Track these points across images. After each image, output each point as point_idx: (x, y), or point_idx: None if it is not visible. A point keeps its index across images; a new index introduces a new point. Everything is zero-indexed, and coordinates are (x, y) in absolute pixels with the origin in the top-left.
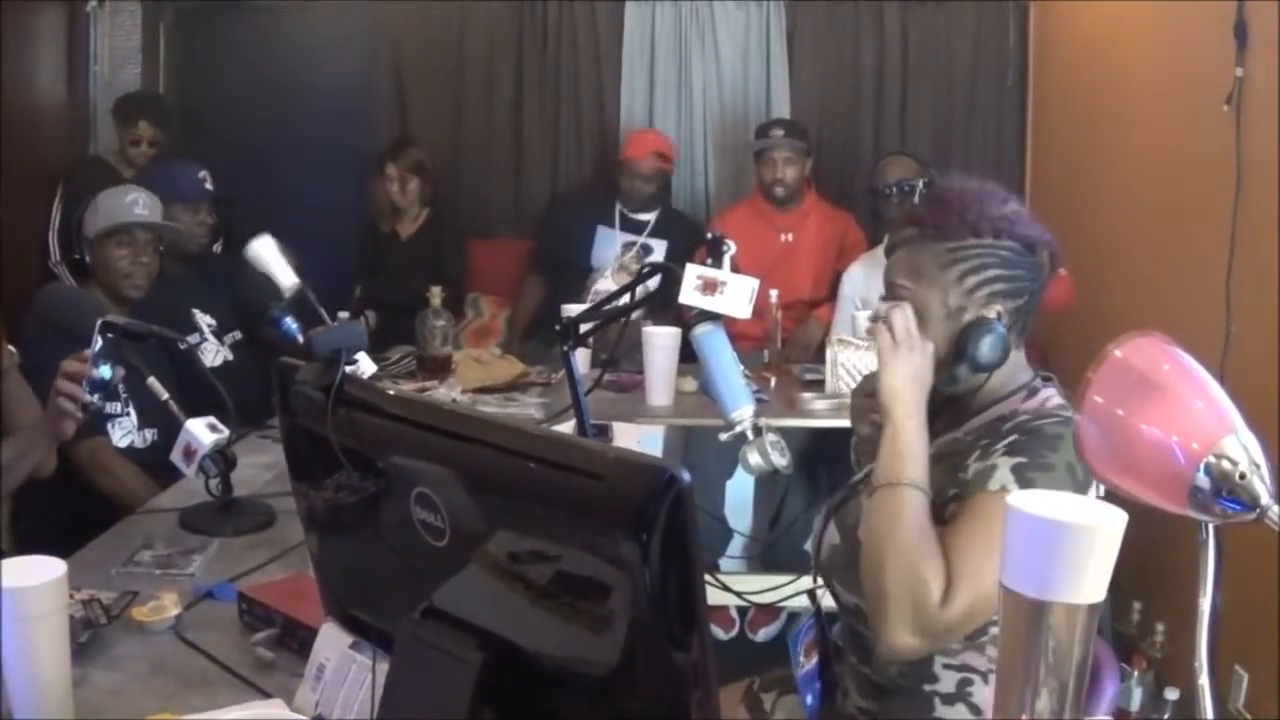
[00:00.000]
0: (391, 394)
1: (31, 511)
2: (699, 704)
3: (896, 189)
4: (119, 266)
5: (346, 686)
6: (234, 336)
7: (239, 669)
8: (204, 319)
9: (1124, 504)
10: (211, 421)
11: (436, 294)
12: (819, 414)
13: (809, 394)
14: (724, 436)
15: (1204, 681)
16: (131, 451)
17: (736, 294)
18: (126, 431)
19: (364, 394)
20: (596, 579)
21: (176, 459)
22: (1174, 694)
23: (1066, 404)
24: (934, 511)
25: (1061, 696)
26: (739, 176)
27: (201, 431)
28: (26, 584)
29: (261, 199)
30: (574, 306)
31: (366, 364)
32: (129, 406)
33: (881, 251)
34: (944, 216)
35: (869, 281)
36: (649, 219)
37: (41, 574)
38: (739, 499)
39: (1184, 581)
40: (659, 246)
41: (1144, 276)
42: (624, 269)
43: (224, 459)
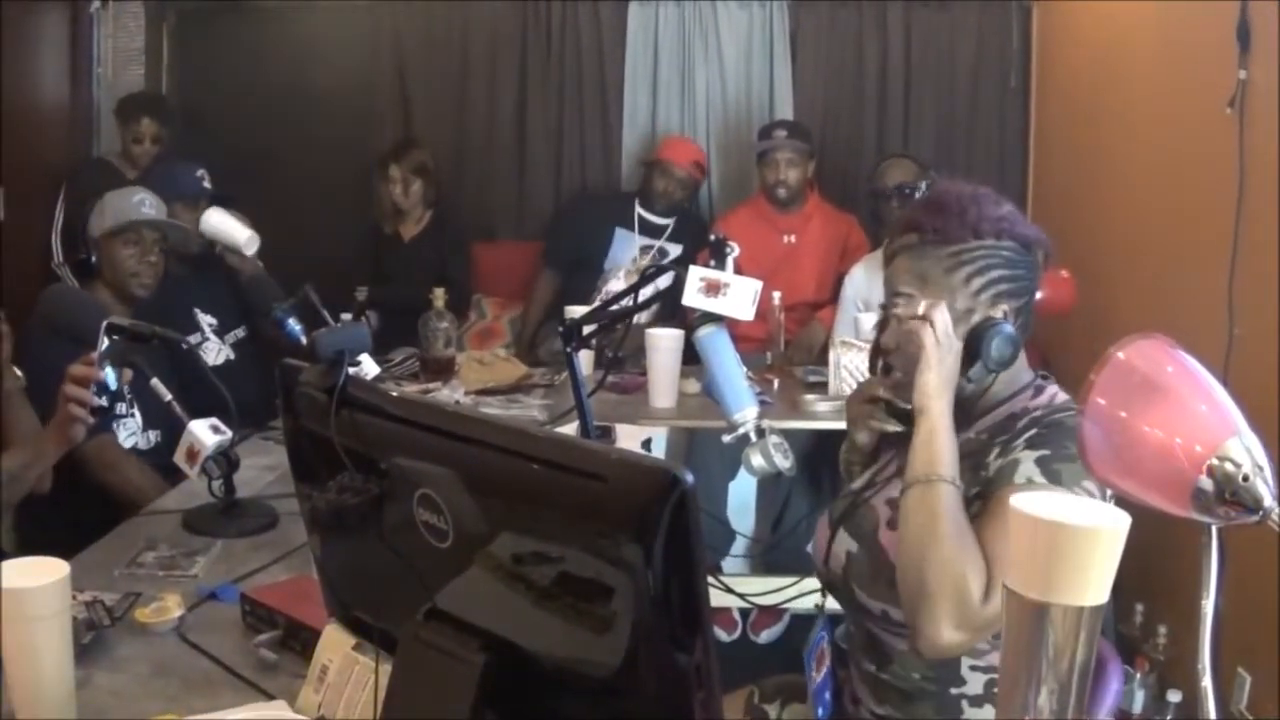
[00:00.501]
0: (394, 395)
1: (34, 513)
2: (702, 705)
3: (897, 192)
4: (127, 266)
5: (349, 688)
6: (236, 335)
7: (242, 670)
8: (205, 318)
9: (1127, 506)
10: (214, 423)
11: (439, 295)
12: (822, 416)
13: (812, 396)
14: (727, 438)
15: (1207, 683)
16: (135, 453)
17: (739, 296)
18: (131, 433)
19: (367, 395)
20: (599, 581)
21: (180, 460)
22: (1176, 696)
23: (1073, 400)
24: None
25: (1064, 697)
26: (742, 178)
27: (204, 433)
28: (29, 585)
29: (265, 200)
30: (578, 308)
31: (370, 365)
32: (134, 408)
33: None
34: (944, 220)
35: (871, 283)
36: (668, 223)
37: (44, 575)
38: (741, 501)
39: (1187, 583)
40: (675, 251)
41: (1146, 278)
42: (639, 273)
43: (227, 460)
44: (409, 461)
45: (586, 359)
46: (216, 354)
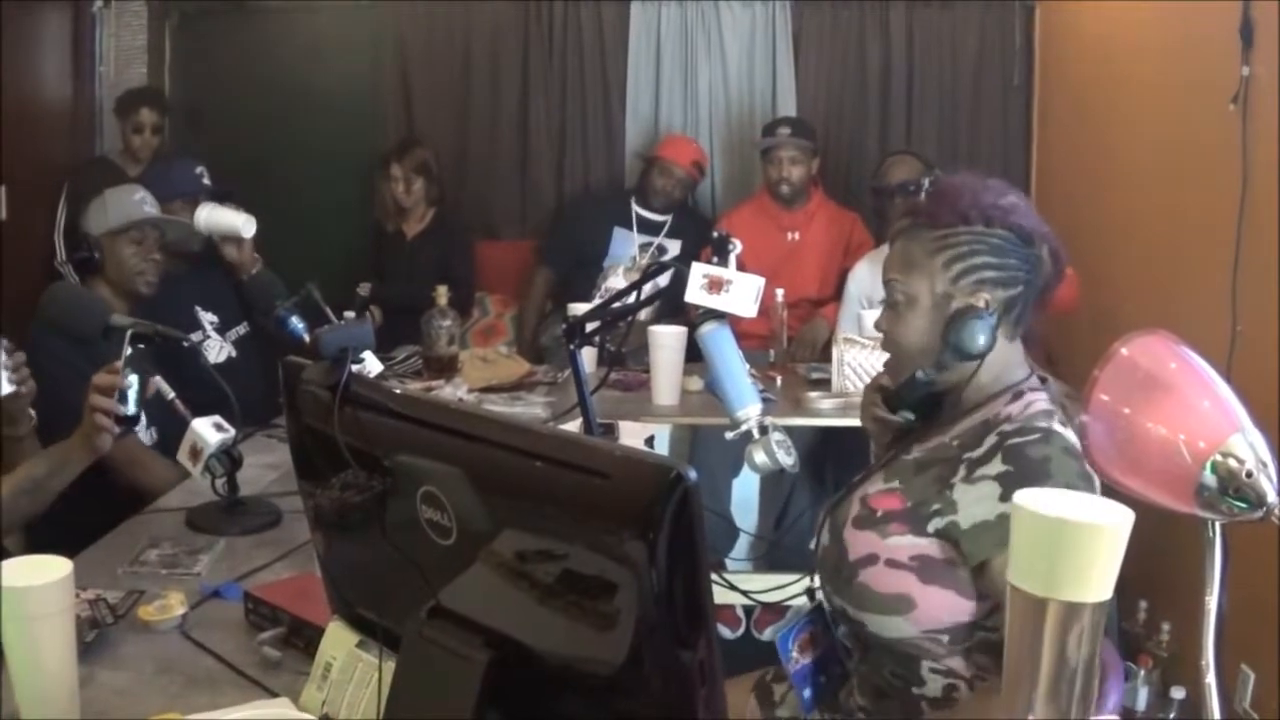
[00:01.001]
0: (398, 393)
1: None
2: (705, 702)
3: (901, 189)
4: (132, 263)
5: (353, 685)
6: (237, 333)
7: (245, 668)
8: (207, 316)
9: (1130, 502)
10: (218, 421)
11: (442, 293)
12: (825, 413)
13: (815, 393)
14: (730, 435)
15: (1211, 680)
16: None
17: (742, 292)
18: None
19: (370, 393)
20: (603, 578)
21: (183, 459)
22: (1180, 693)
23: (1053, 410)
24: (913, 521)
25: (1068, 695)
26: (745, 176)
27: (208, 431)
28: (32, 583)
29: (267, 200)
30: (580, 305)
31: (373, 363)
32: (138, 407)
33: (887, 250)
34: (937, 205)
35: (875, 280)
36: (665, 220)
37: (47, 573)
38: (744, 498)
39: (1190, 580)
40: (674, 247)
41: (1150, 275)
42: (639, 270)
43: (230, 458)
44: (412, 459)
45: (589, 356)
46: (218, 352)
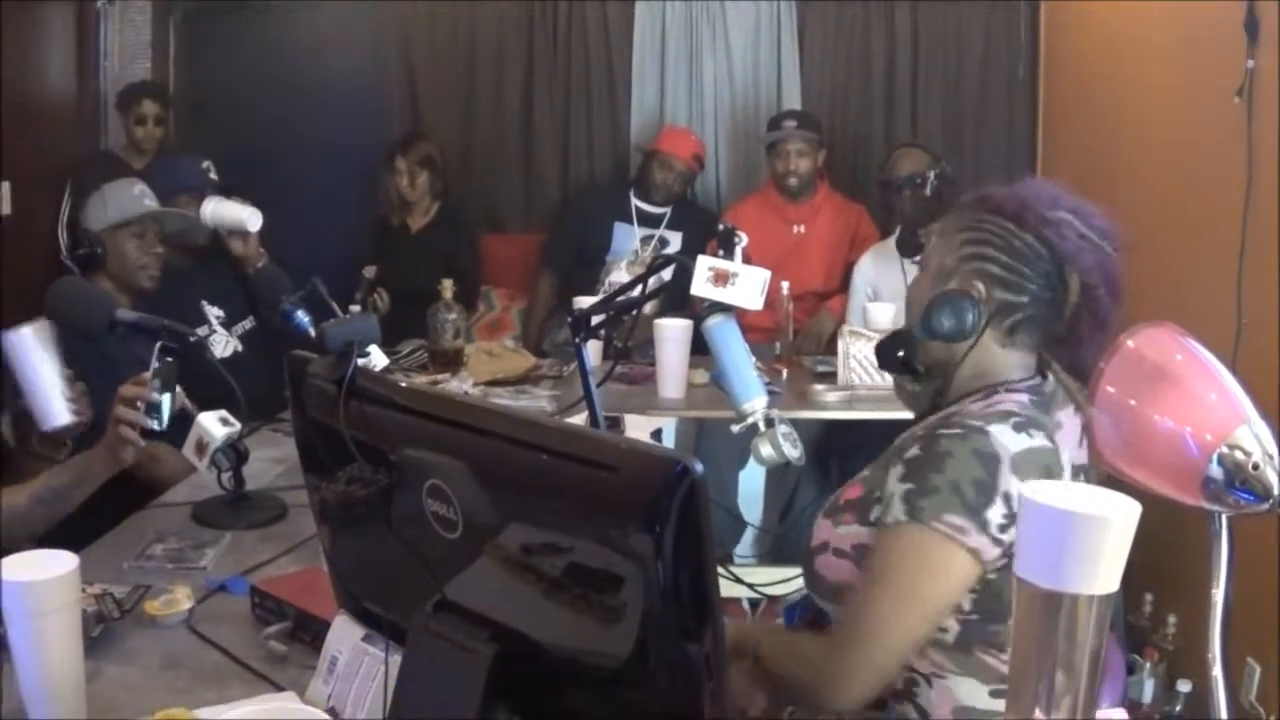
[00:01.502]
0: (403, 386)
1: None
2: (712, 695)
3: (908, 182)
4: (133, 258)
5: (359, 679)
6: (243, 327)
7: (251, 662)
8: (212, 311)
9: (1136, 495)
10: (223, 415)
11: (448, 287)
12: (831, 406)
13: (821, 386)
14: (736, 428)
15: (1218, 673)
16: None
17: (748, 285)
18: None
19: (376, 387)
20: (609, 571)
21: (188, 453)
22: (1186, 686)
23: (1016, 414)
24: (860, 510)
25: (1074, 687)
26: (751, 170)
27: (213, 425)
28: (38, 578)
29: (272, 194)
30: (585, 299)
31: (378, 357)
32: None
33: (893, 243)
34: (1002, 192)
35: (880, 273)
36: (665, 212)
37: (53, 568)
38: (750, 491)
39: (1196, 573)
40: (675, 239)
41: (1155, 268)
42: (641, 264)
43: (236, 453)
44: (418, 452)
45: (595, 350)
46: (224, 346)
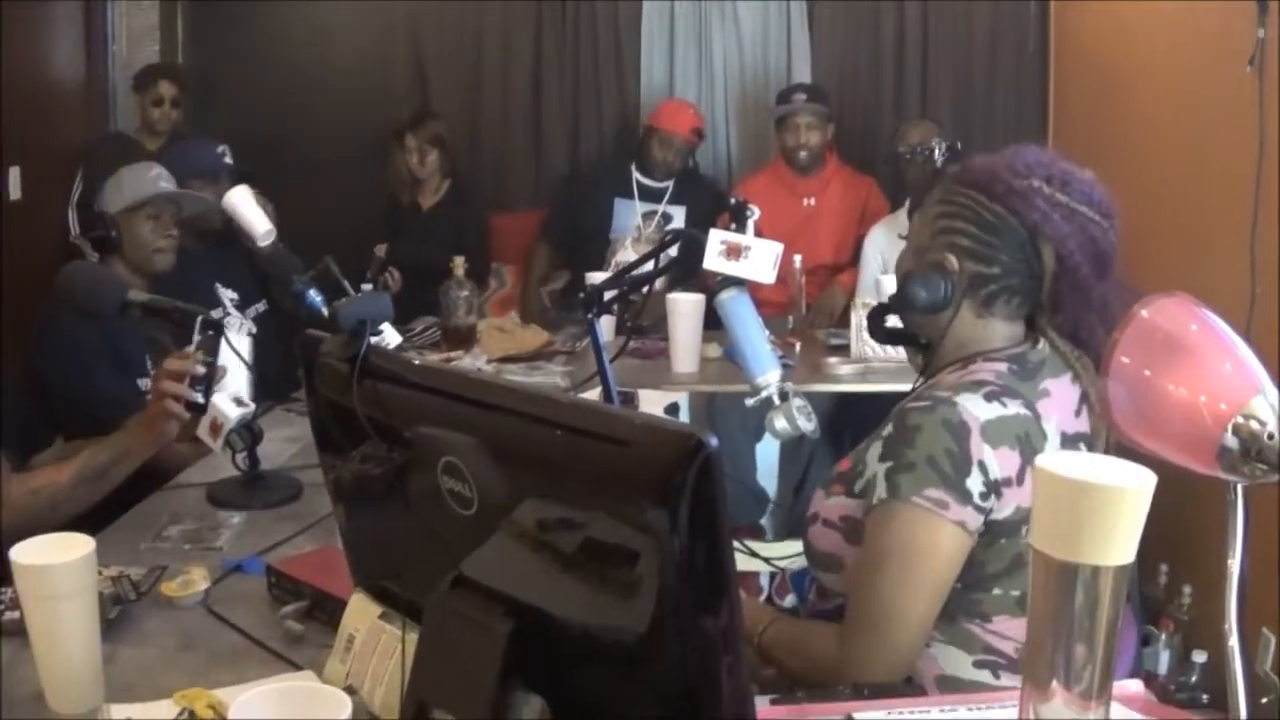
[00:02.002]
0: (417, 364)
1: None
2: (729, 670)
3: (916, 153)
4: (148, 240)
5: (376, 657)
6: (256, 309)
7: (268, 642)
8: (227, 293)
9: (1151, 465)
10: (238, 396)
11: (459, 264)
12: (844, 379)
13: (834, 359)
14: (750, 402)
15: (1234, 643)
16: None
17: (760, 259)
18: None
19: (389, 365)
20: (624, 546)
21: (203, 434)
22: (1201, 657)
23: (989, 384)
24: (848, 481)
25: (1092, 659)
26: (760, 143)
27: (228, 406)
28: (55, 562)
29: (282, 175)
30: (598, 274)
31: (391, 335)
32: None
33: (904, 215)
34: (972, 164)
35: (891, 245)
36: (667, 186)
37: (70, 551)
38: (764, 465)
39: (1211, 544)
40: (678, 213)
41: (1168, 238)
42: (646, 240)
43: (250, 433)
44: (432, 430)
45: (608, 325)
46: (239, 328)
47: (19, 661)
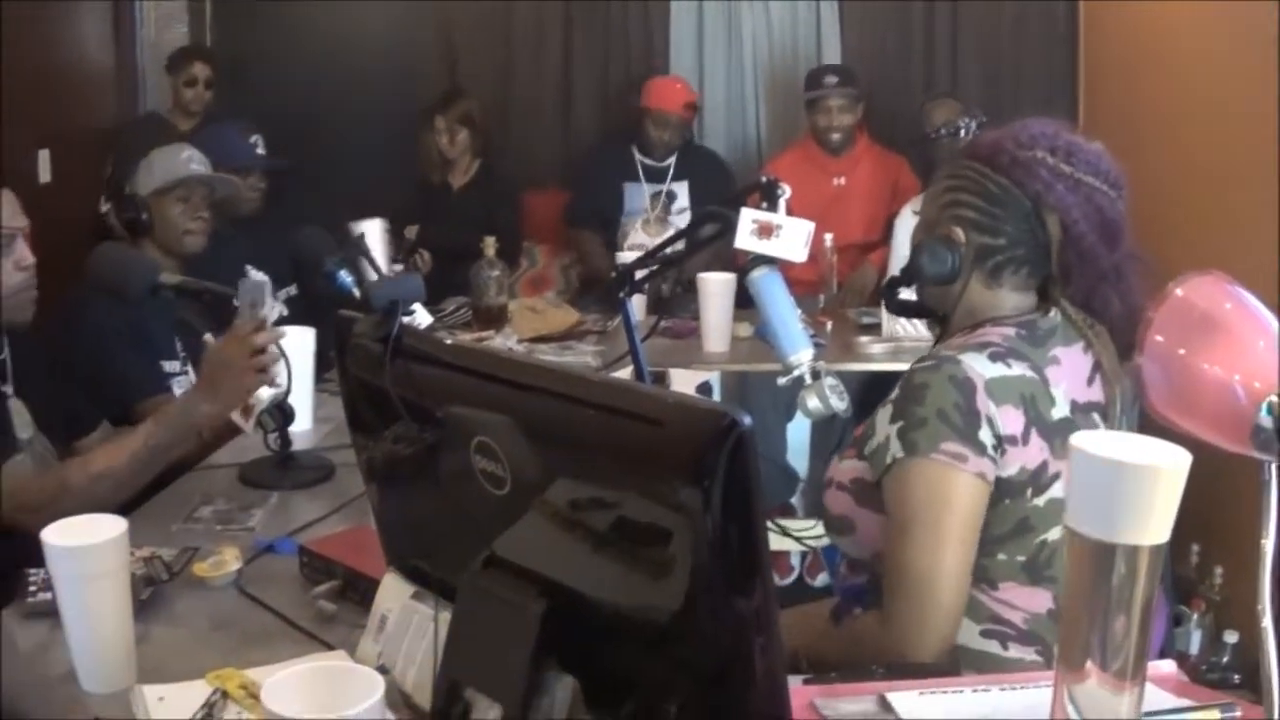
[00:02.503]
0: (449, 344)
1: None
2: (761, 650)
3: (942, 131)
4: (179, 222)
5: (409, 637)
6: (288, 292)
7: (300, 622)
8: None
9: (1184, 444)
10: None
11: (490, 244)
12: (876, 358)
13: (865, 338)
14: (782, 381)
15: (1267, 623)
16: None
17: (792, 237)
18: (184, 390)
19: (421, 345)
20: (657, 525)
21: (234, 415)
22: (1233, 637)
23: (994, 345)
24: (860, 444)
25: (1127, 639)
26: (789, 122)
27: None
28: (88, 543)
29: (311, 155)
30: (628, 254)
31: (423, 315)
32: (187, 365)
33: None
34: (979, 139)
35: None
36: (669, 164)
37: (102, 532)
38: (795, 444)
39: (1243, 524)
40: (681, 190)
41: (1198, 214)
42: (656, 221)
43: (281, 413)
44: (465, 409)
45: (639, 304)
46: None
47: (52, 642)
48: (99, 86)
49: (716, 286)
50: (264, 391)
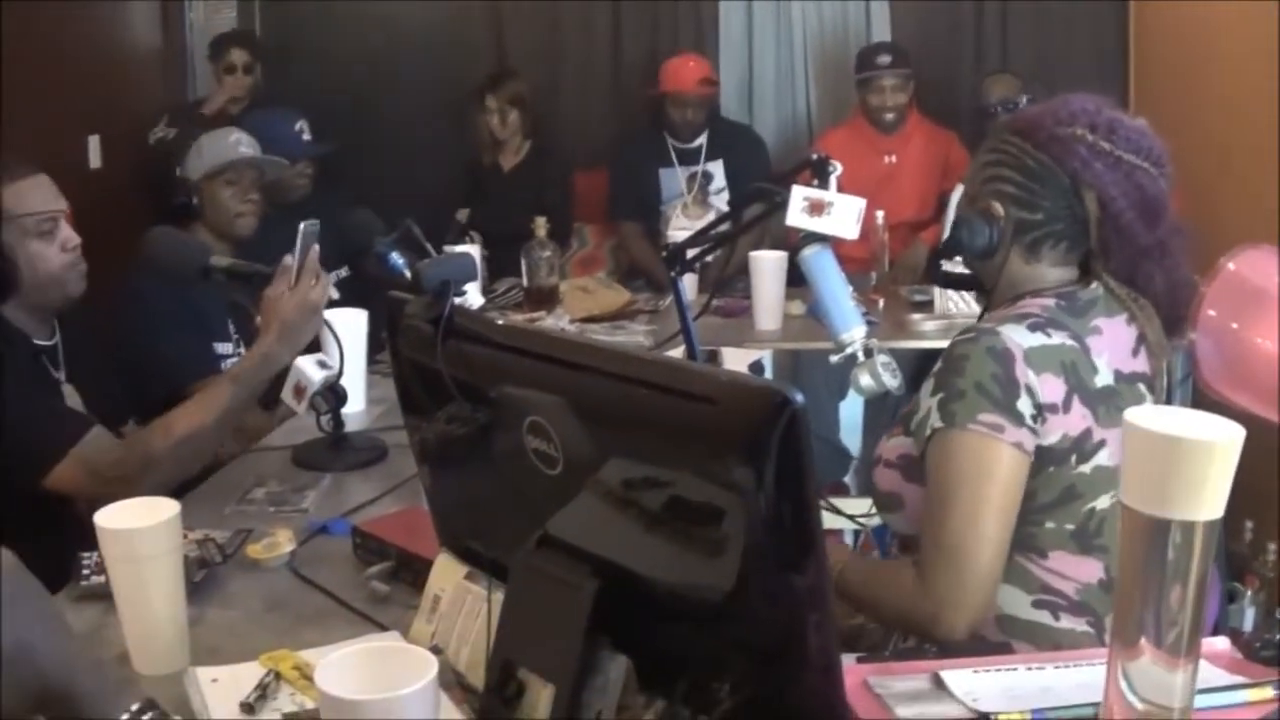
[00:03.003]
0: (500, 324)
1: None
2: (816, 627)
3: (1001, 108)
4: (229, 205)
5: (462, 617)
6: (339, 275)
7: (354, 603)
8: None
9: (1238, 419)
10: (320, 358)
11: (541, 225)
12: (928, 335)
13: (918, 315)
14: (835, 358)
15: None
16: None
17: (844, 214)
18: None
19: (473, 325)
20: (710, 504)
21: (286, 397)
22: None
23: (1033, 315)
24: (907, 420)
25: (1180, 616)
26: (839, 99)
27: (311, 368)
28: (141, 525)
29: (363, 139)
30: (680, 232)
31: (475, 296)
32: (240, 347)
33: None
34: (1021, 113)
35: None
36: (700, 144)
37: (155, 515)
38: (848, 422)
39: None
40: (717, 169)
41: (1248, 187)
42: (694, 203)
43: (334, 395)
44: (517, 390)
45: (690, 284)
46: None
47: (105, 624)
48: (148, 73)
49: (768, 264)
50: (317, 374)
